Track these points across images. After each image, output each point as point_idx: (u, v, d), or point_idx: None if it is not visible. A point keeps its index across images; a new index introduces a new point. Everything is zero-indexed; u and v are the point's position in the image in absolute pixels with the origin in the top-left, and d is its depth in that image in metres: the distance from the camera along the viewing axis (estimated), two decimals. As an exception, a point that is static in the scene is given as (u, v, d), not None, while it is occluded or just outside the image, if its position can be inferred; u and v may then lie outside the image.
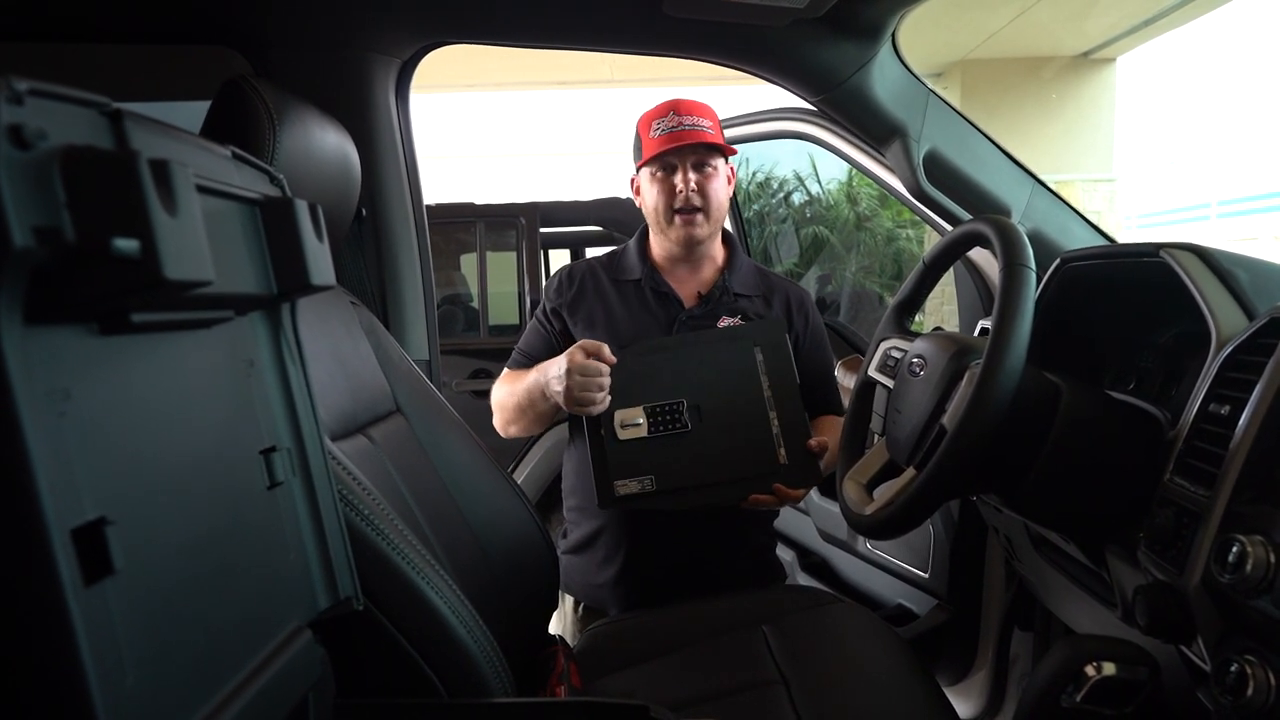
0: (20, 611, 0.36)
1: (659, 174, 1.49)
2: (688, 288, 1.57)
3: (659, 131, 1.47)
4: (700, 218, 1.49)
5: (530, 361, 1.54)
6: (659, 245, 1.58)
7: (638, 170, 1.55)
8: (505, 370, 1.59)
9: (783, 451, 1.37)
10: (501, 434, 1.59)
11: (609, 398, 1.35)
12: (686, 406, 1.37)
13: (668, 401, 1.38)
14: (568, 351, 1.36)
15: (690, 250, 1.53)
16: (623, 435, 1.36)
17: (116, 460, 0.43)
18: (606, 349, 1.36)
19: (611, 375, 1.35)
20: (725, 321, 1.52)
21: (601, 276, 1.59)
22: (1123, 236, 1.56)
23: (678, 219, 1.49)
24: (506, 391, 1.51)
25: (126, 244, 0.38)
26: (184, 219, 0.42)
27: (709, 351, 1.41)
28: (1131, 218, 9.46)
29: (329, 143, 1.03)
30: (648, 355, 1.41)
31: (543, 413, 1.46)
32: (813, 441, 1.38)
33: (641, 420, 1.37)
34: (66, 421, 0.39)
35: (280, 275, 0.60)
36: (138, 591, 0.42)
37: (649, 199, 1.52)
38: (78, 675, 0.37)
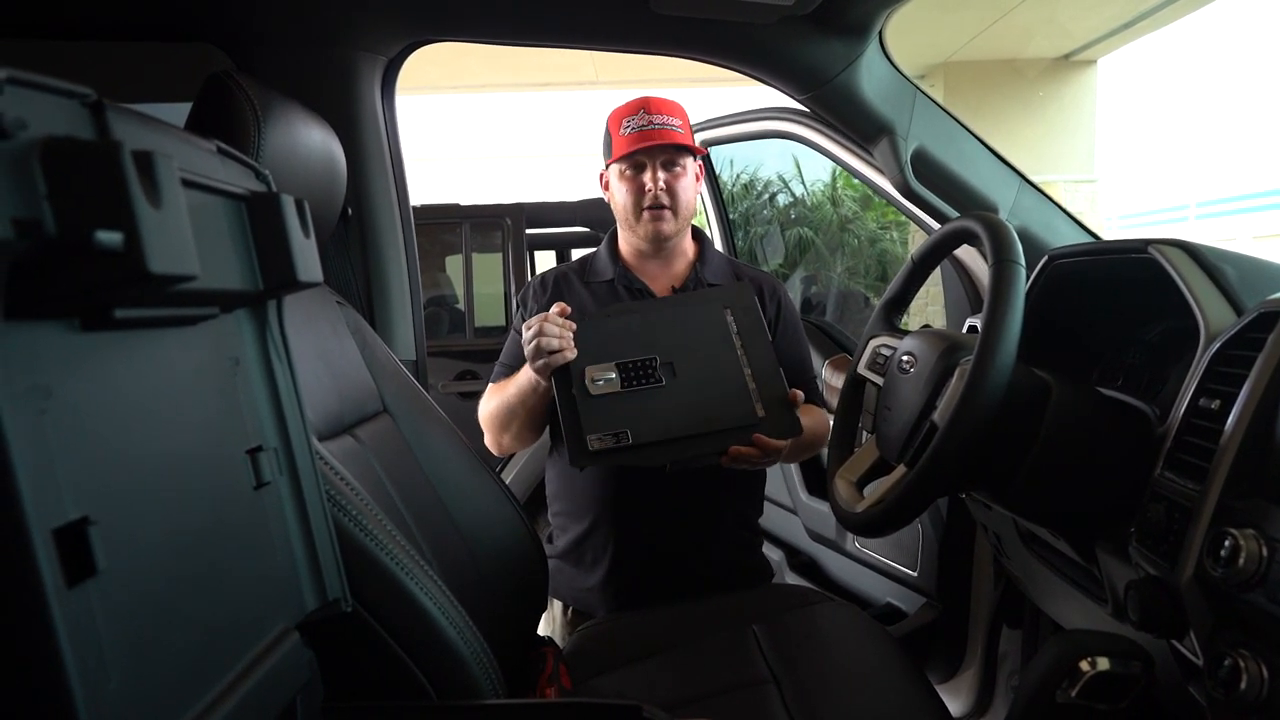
0: (0, 613, 0.35)
1: (628, 172, 1.50)
2: (660, 283, 1.57)
3: (629, 129, 1.48)
4: (668, 214, 1.49)
5: (514, 372, 1.54)
6: (628, 242, 1.59)
7: (607, 166, 1.55)
8: (490, 385, 1.58)
9: (759, 405, 1.33)
10: (494, 450, 1.57)
11: (573, 348, 1.30)
12: (660, 363, 1.33)
13: (640, 358, 1.33)
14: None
15: (659, 246, 1.54)
16: (594, 391, 1.30)
17: (99, 459, 0.42)
18: (563, 304, 1.33)
19: (581, 335, 1.32)
20: None
21: (574, 280, 1.59)
22: (1106, 236, 1.56)
23: (646, 214, 1.49)
24: (496, 403, 1.50)
25: (109, 236, 0.37)
26: (168, 212, 0.41)
27: (679, 313, 1.39)
28: (1112, 218, 9.56)
29: (314, 140, 1.01)
30: (617, 317, 1.38)
31: (533, 408, 1.44)
32: (791, 392, 1.35)
33: (614, 375, 1.31)
34: (47, 419, 0.38)
35: (266, 272, 0.59)
36: (121, 592, 0.41)
37: (618, 196, 1.53)
38: (60, 678, 0.36)
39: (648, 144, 1.46)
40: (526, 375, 1.38)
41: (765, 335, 1.39)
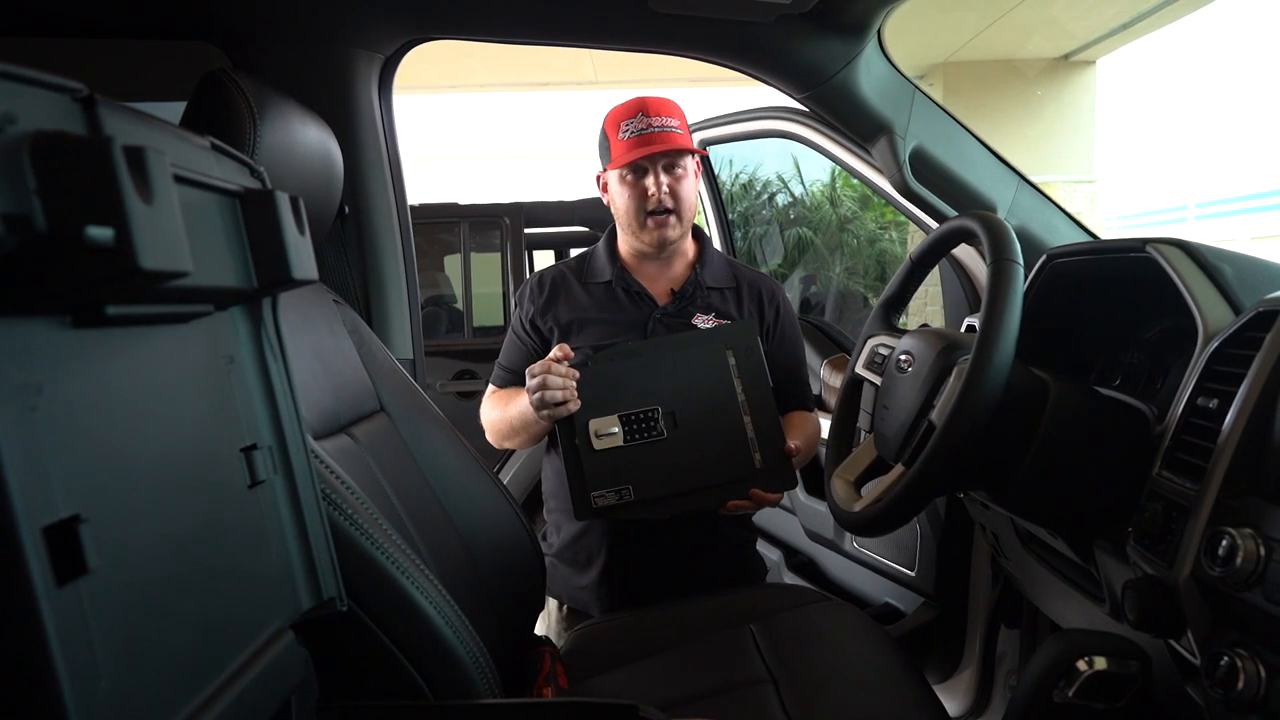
0: None
1: (629, 177, 1.48)
2: (659, 285, 1.56)
3: (628, 133, 1.45)
4: (673, 219, 1.48)
5: (513, 375, 1.55)
6: (628, 245, 1.57)
7: (605, 170, 1.54)
8: (491, 388, 1.59)
9: (758, 456, 1.36)
10: (495, 447, 1.59)
11: (577, 399, 1.32)
12: (661, 414, 1.35)
13: (642, 409, 1.35)
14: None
15: (662, 250, 1.53)
16: (598, 445, 1.33)
17: (91, 457, 0.42)
18: (566, 347, 1.34)
19: (584, 384, 1.33)
20: (699, 318, 1.52)
21: (571, 280, 1.58)
22: (1104, 236, 1.57)
23: (650, 221, 1.48)
24: (498, 416, 1.51)
25: (100, 232, 0.37)
26: (160, 208, 0.40)
27: (681, 355, 1.39)
28: (1111, 219, 9.57)
29: (311, 138, 1.01)
30: (619, 362, 1.39)
31: (536, 434, 1.48)
32: (789, 445, 1.37)
33: (617, 429, 1.34)
34: (38, 416, 0.38)
35: (261, 269, 0.58)
36: (113, 592, 0.41)
37: (619, 201, 1.51)
38: (49, 677, 0.35)
39: (649, 149, 1.44)
40: (529, 409, 1.36)
41: (766, 380, 1.40)
